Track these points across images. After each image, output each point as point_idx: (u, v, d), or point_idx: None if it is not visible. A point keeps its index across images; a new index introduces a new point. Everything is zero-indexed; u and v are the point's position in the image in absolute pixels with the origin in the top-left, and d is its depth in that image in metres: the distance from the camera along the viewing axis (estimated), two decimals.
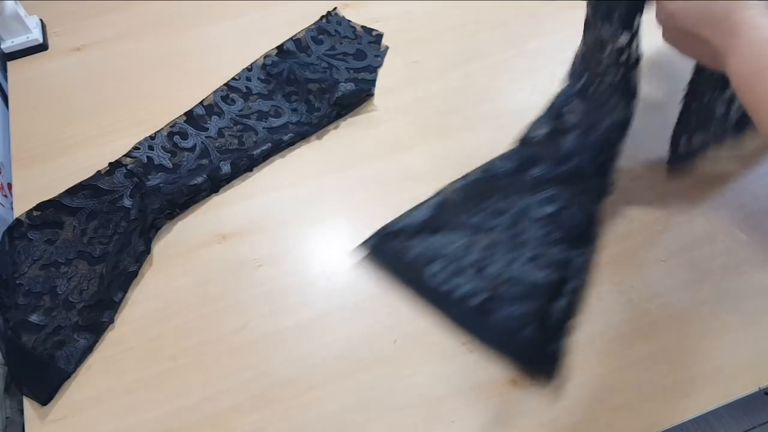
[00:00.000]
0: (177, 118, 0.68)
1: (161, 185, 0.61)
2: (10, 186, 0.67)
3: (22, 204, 0.62)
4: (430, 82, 0.71)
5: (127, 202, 0.61)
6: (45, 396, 0.51)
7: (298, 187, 0.63)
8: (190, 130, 0.67)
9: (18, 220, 0.60)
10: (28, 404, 0.51)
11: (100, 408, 0.50)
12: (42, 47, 0.77)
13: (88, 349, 0.53)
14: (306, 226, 0.60)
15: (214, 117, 0.68)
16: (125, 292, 0.56)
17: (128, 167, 0.63)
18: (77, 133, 0.68)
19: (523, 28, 0.76)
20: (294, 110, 0.68)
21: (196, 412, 0.50)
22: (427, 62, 0.73)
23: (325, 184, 0.63)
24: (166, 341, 0.54)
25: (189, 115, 0.68)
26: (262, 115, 0.68)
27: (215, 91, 0.70)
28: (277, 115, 0.68)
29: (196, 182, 0.61)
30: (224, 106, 0.69)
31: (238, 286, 0.57)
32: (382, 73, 0.72)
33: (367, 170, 0.64)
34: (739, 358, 0.50)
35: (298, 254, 0.58)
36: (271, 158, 0.65)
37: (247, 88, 0.71)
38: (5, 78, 0.76)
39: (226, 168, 0.62)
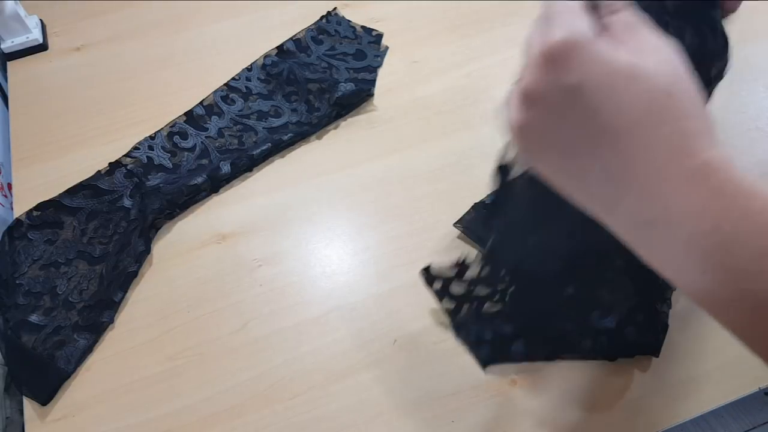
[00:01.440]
0: (177, 118, 0.68)
1: (161, 185, 0.61)
2: (10, 186, 0.67)
3: (22, 204, 0.62)
4: (430, 82, 0.71)
5: (127, 202, 0.61)
6: (45, 396, 0.51)
7: (298, 187, 0.63)
8: (190, 130, 0.67)
9: (18, 220, 0.60)
10: (28, 404, 0.51)
11: (100, 408, 0.50)
12: (42, 47, 0.77)
13: (88, 349, 0.53)
14: (306, 226, 0.60)
15: (214, 117, 0.68)
16: (125, 292, 0.56)
17: (128, 167, 0.63)
18: (77, 133, 0.68)
19: (523, 28, 0.76)
20: (294, 110, 0.68)
21: (196, 412, 0.50)
22: (427, 62, 0.73)
23: (325, 184, 0.63)
24: (166, 341, 0.54)
25: (189, 115, 0.68)
26: (262, 115, 0.68)
27: (215, 91, 0.70)
28: (277, 115, 0.68)
29: (196, 182, 0.61)
30: (224, 106, 0.69)
31: (238, 286, 0.57)
32: (382, 73, 0.72)
33: (367, 170, 0.64)
34: (739, 358, 0.50)
35: (298, 254, 0.58)
36: (271, 158, 0.65)
37: (247, 88, 0.71)
38: (5, 78, 0.76)
39: (226, 168, 0.62)
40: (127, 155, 0.64)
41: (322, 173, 0.64)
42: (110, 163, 0.63)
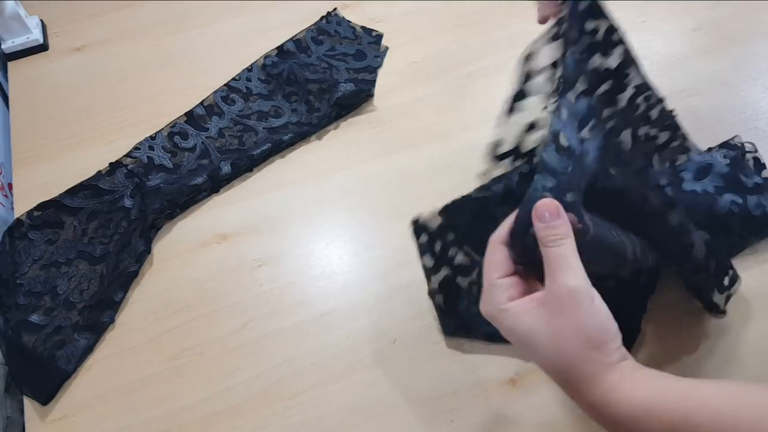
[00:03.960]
0: (177, 118, 0.68)
1: (162, 185, 0.61)
2: (10, 186, 0.67)
3: (23, 204, 0.62)
4: (430, 82, 0.71)
5: (127, 202, 0.61)
6: (45, 396, 0.51)
7: (298, 187, 0.63)
8: (191, 130, 0.67)
9: (18, 220, 0.60)
10: (28, 404, 0.51)
11: (100, 408, 0.51)
12: (42, 47, 0.77)
13: (89, 349, 0.53)
14: (306, 226, 0.60)
15: (214, 117, 0.68)
16: (125, 292, 0.56)
17: (129, 167, 0.63)
18: (77, 133, 0.68)
19: (523, 28, 0.76)
20: (294, 110, 0.69)
21: (196, 412, 0.50)
22: (427, 62, 0.73)
23: (325, 184, 0.63)
24: (166, 341, 0.54)
25: (189, 115, 0.68)
26: (262, 116, 0.68)
27: (215, 92, 0.70)
28: (277, 116, 0.68)
29: (196, 182, 0.61)
30: (224, 107, 0.69)
31: (238, 286, 0.57)
32: (382, 73, 0.72)
33: (367, 170, 0.64)
34: (730, 358, 0.50)
35: (298, 254, 0.59)
36: (271, 158, 0.65)
37: (247, 88, 0.71)
38: (6, 78, 0.76)
39: (226, 168, 0.63)
40: (127, 155, 0.64)
41: (322, 173, 0.64)
42: (111, 163, 0.63)
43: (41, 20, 0.79)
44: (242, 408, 0.50)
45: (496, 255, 0.36)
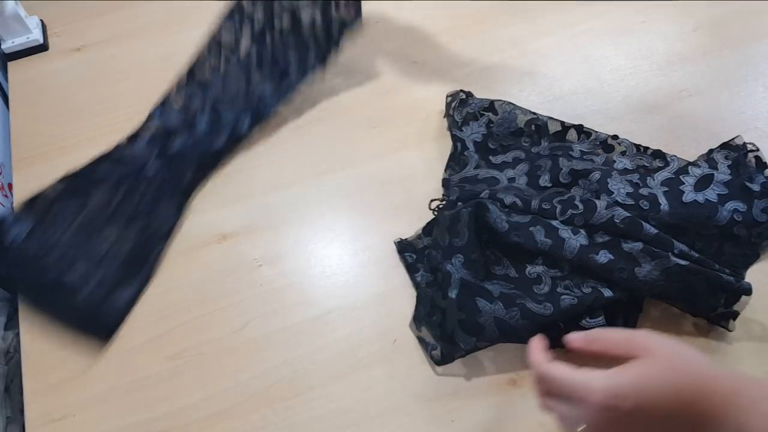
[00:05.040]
0: (179, 80, 0.69)
1: (184, 150, 0.63)
2: (10, 186, 0.67)
3: None
4: (430, 82, 0.71)
5: (151, 170, 0.62)
6: (106, 332, 0.53)
7: (298, 187, 0.63)
8: (196, 90, 0.68)
9: (43, 192, 0.61)
10: (28, 404, 0.51)
11: (100, 408, 0.51)
12: (42, 47, 0.77)
13: (131, 301, 0.55)
14: (306, 226, 0.60)
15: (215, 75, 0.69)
16: (162, 247, 0.58)
17: (148, 136, 0.65)
18: (77, 133, 0.68)
19: (523, 28, 0.76)
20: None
21: (196, 412, 0.50)
22: (427, 62, 0.73)
23: (325, 184, 0.63)
24: (166, 341, 0.54)
25: (190, 75, 0.69)
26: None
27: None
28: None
29: (217, 145, 0.63)
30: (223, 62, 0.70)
31: (238, 286, 0.57)
32: (382, 73, 0.72)
33: (367, 170, 0.64)
34: (739, 356, 0.50)
35: (298, 254, 0.59)
36: (271, 158, 0.65)
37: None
38: (6, 78, 0.76)
39: (245, 124, 0.65)
40: (144, 125, 0.66)
41: (322, 173, 0.64)
42: (129, 136, 0.65)
43: (41, 20, 0.79)
44: (242, 408, 0.50)
45: (553, 368, 0.37)
